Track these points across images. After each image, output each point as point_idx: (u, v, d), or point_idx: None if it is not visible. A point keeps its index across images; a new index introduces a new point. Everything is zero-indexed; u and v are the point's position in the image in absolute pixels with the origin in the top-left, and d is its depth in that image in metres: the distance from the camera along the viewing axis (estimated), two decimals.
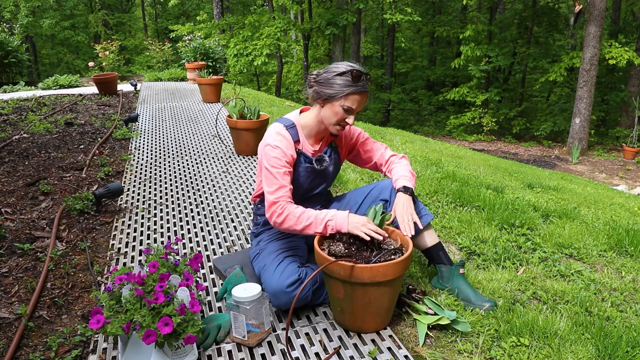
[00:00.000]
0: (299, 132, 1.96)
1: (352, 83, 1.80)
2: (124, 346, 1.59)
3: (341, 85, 1.80)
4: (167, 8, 24.41)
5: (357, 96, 1.81)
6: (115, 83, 7.86)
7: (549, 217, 3.00)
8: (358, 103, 1.83)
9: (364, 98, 1.84)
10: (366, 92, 1.84)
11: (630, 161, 11.35)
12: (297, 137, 1.95)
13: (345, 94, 1.80)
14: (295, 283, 1.79)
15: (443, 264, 2.01)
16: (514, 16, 16.43)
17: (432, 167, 4.15)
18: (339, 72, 1.81)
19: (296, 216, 1.79)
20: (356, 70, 1.81)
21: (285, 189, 1.84)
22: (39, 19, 21.92)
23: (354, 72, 1.80)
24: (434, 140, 9.02)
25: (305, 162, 1.97)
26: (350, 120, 1.85)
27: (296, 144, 1.95)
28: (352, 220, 1.76)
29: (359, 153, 2.13)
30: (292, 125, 1.96)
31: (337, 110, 1.83)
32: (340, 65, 1.84)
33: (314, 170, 2.00)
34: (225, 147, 4.54)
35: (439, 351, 1.68)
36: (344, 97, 1.81)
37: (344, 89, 1.80)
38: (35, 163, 3.96)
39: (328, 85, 1.83)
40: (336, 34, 13.19)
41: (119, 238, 2.64)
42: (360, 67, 1.85)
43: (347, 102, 1.81)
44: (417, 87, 21.34)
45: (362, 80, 1.81)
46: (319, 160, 1.99)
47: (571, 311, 1.94)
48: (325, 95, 1.83)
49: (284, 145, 1.88)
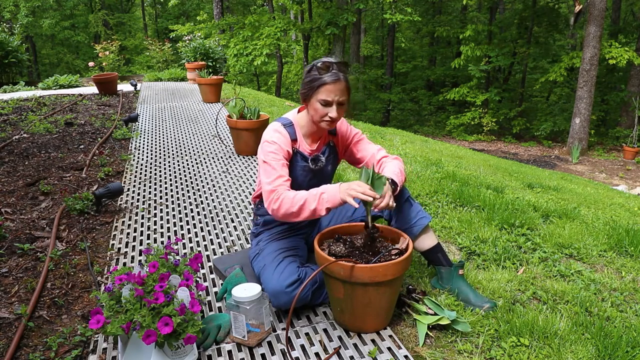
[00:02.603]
0: (296, 130, 1.97)
1: (320, 75, 1.80)
2: (124, 346, 1.59)
3: (310, 81, 1.83)
4: (167, 8, 24.41)
5: (328, 86, 1.80)
6: (115, 83, 7.86)
7: (549, 217, 3.00)
8: (332, 93, 1.80)
9: (336, 87, 1.80)
10: (338, 80, 1.80)
11: (630, 161, 11.35)
12: (294, 136, 1.96)
13: (315, 88, 1.82)
14: (295, 283, 1.79)
15: (442, 265, 2.01)
16: (514, 16, 16.44)
17: (432, 167, 4.15)
18: (307, 70, 1.84)
19: (290, 198, 1.76)
20: (321, 62, 1.81)
21: (283, 179, 1.83)
22: (39, 19, 21.93)
23: (319, 64, 1.81)
24: (434, 140, 9.02)
25: (301, 161, 1.98)
26: (332, 112, 1.82)
27: (293, 142, 1.96)
28: (342, 188, 1.71)
29: (352, 153, 2.12)
30: (290, 123, 1.97)
31: (316, 106, 1.84)
32: (315, 60, 1.85)
33: (311, 169, 2.00)
34: (225, 147, 4.54)
35: (439, 351, 1.68)
36: (316, 92, 1.82)
37: (313, 84, 1.82)
38: (35, 163, 3.96)
39: (303, 85, 1.86)
40: (336, 34, 13.20)
41: (119, 238, 2.64)
42: (332, 59, 1.84)
43: (320, 95, 1.81)
44: (417, 87, 21.33)
45: (330, 70, 1.80)
46: (315, 160, 1.99)
47: (571, 311, 1.94)
48: (303, 96, 1.87)
49: (281, 142, 1.90)
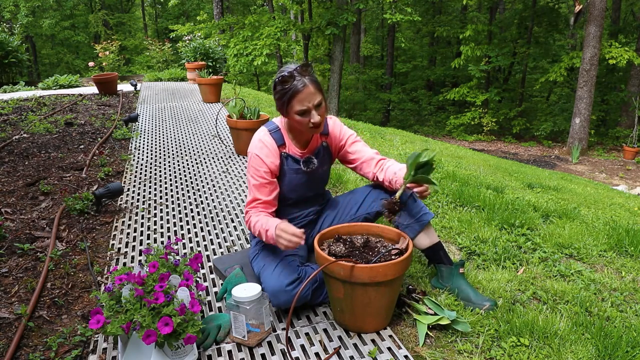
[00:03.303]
0: (284, 135, 1.95)
1: (286, 89, 1.76)
2: (124, 346, 1.59)
3: (280, 97, 1.79)
4: (167, 8, 24.41)
5: (298, 96, 1.76)
6: (115, 83, 7.86)
7: (549, 217, 3.00)
8: (304, 101, 1.76)
9: (306, 93, 1.75)
10: (305, 86, 1.74)
11: (630, 161, 11.35)
12: (281, 141, 1.93)
13: (287, 102, 1.78)
14: (294, 282, 1.79)
15: (443, 263, 2.01)
16: (514, 16, 16.43)
17: None
18: (274, 87, 1.81)
19: (253, 224, 1.88)
20: (281, 75, 1.76)
21: (258, 202, 1.91)
22: (39, 19, 21.93)
23: (279, 79, 1.76)
24: (434, 140, 9.03)
25: (293, 164, 1.96)
26: (314, 118, 1.79)
27: (281, 147, 1.93)
28: (276, 233, 1.74)
29: (347, 153, 2.09)
30: (277, 129, 1.95)
31: (297, 119, 1.81)
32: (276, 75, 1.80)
33: (304, 171, 1.98)
34: (225, 147, 4.54)
35: (439, 351, 1.68)
36: (289, 106, 1.78)
37: (283, 99, 1.78)
38: (35, 163, 3.96)
39: (276, 102, 1.83)
40: (336, 34, 13.19)
41: (119, 238, 2.64)
42: (292, 66, 1.78)
43: (295, 107, 1.78)
44: (417, 87, 21.34)
45: (293, 80, 1.75)
46: (307, 162, 1.97)
47: (571, 311, 1.94)
48: (281, 112, 1.85)
49: (263, 154, 1.90)
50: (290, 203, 2.05)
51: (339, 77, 14.44)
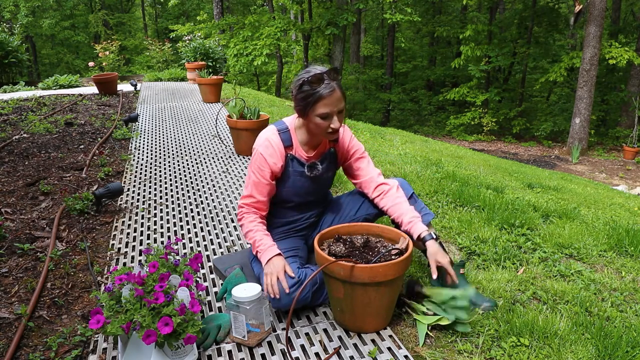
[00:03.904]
0: (292, 136, 1.93)
1: (313, 90, 1.73)
2: (124, 346, 1.59)
3: (305, 97, 1.75)
4: (167, 8, 24.41)
5: (325, 100, 1.73)
6: (115, 83, 7.86)
7: (549, 217, 3.00)
8: (330, 106, 1.74)
9: (333, 98, 1.74)
10: (333, 91, 1.73)
11: (630, 161, 11.35)
12: (289, 142, 1.91)
13: (311, 104, 1.74)
14: (295, 285, 1.79)
15: None
16: (514, 16, 16.43)
17: (432, 167, 4.15)
18: (298, 86, 1.77)
19: (245, 231, 1.94)
20: (312, 75, 1.72)
21: (253, 200, 1.92)
22: (39, 19, 21.93)
23: (309, 79, 1.72)
24: (434, 140, 9.03)
25: (298, 166, 1.93)
26: (335, 124, 1.77)
27: (288, 148, 1.92)
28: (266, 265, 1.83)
29: (351, 167, 2.06)
30: (286, 129, 1.93)
31: (316, 121, 1.78)
32: (301, 75, 1.78)
33: (308, 176, 1.95)
34: (225, 147, 4.54)
35: (439, 351, 1.68)
36: (312, 107, 1.75)
37: (308, 100, 1.74)
38: (35, 163, 3.96)
39: (296, 101, 1.80)
40: (336, 34, 13.20)
41: (119, 238, 2.64)
42: (321, 68, 1.76)
43: (318, 110, 1.75)
44: (417, 87, 21.34)
45: (323, 82, 1.73)
46: (311, 167, 1.95)
47: (571, 311, 1.94)
48: (300, 112, 1.82)
49: (268, 154, 1.88)
50: (292, 206, 2.03)
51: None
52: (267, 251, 1.85)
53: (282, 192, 1.97)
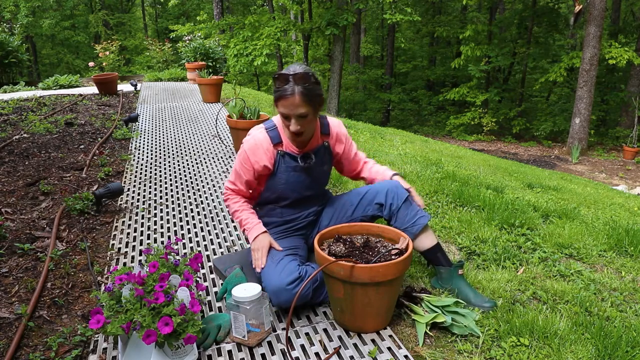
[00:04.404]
0: (280, 133, 1.96)
1: (277, 88, 1.78)
2: (124, 346, 1.59)
3: (273, 92, 1.82)
4: (167, 8, 24.40)
5: (282, 101, 1.76)
6: (116, 83, 7.86)
7: (548, 217, 3.00)
8: (287, 108, 1.76)
9: (289, 102, 1.74)
10: (292, 95, 1.73)
11: (630, 161, 11.36)
12: (278, 139, 1.94)
13: (275, 100, 1.81)
14: (295, 281, 1.79)
15: (442, 265, 2.01)
16: (514, 16, 16.43)
17: (432, 167, 4.15)
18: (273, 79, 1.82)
19: (231, 212, 2.07)
20: (279, 73, 1.76)
21: (235, 187, 2.04)
22: (39, 19, 21.92)
23: (276, 76, 1.77)
24: (434, 140, 9.03)
25: (291, 161, 1.96)
26: (292, 126, 1.79)
27: (278, 145, 1.94)
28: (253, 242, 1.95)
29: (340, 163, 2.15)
30: (274, 127, 1.96)
31: (282, 119, 1.84)
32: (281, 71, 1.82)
33: (301, 168, 1.97)
34: (225, 147, 4.54)
35: (439, 351, 1.68)
36: (276, 104, 1.81)
37: (275, 97, 1.81)
38: (36, 163, 3.96)
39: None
40: (336, 34, 13.19)
41: (119, 238, 2.64)
42: (298, 69, 1.77)
43: (279, 108, 1.81)
44: (417, 87, 21.34)
45: (287, 83, 1.74)
46: (304, 158, 1.97)
47: (571, 311, 1.94)
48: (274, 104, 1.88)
49: (252, 154, 1.93)
50: (289, 203, 2.04)
51: (339, 77, 14.44)
52: (253, 229, 1.97)
53: (279, 188, 1.99)
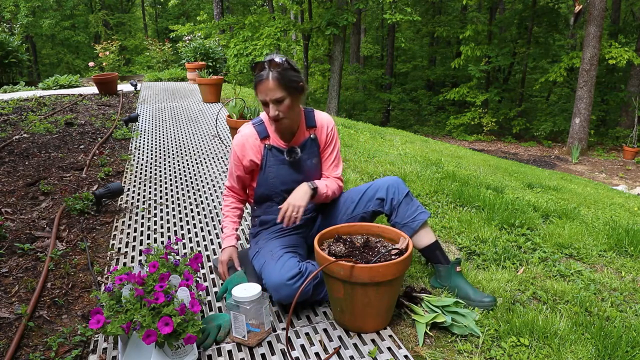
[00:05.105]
0: (267, 127, 2.01)
1: (254, 75, 1.86)
2: (124, 346, 1.59)
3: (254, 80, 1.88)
4: (167, 8, 24.41)
5: (259, 87, 1.84)
6: (116, 83, 7.86)
7: (548, 217, 3.00)
8: (262, 93, 1.83)
9: (264, 86, 1.81)
10: (265, 79, 1.80)
11: (630, 161, 11.36)
12: (265, 133, 2.00)
13: (254, 87, 1.87)
14: (296, 276, 1.80)
15: (440, 263, 2.02)
16: (514, 16, 16.43)
17: (432, 167, 4.15)
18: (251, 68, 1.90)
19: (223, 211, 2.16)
20: (256, 62, 1.86)
21: (230, 185, 2.14)
22: (39, 19, 21.92)
23: (253, 65, 1.86)
24: (434, 140, 9.03)
25: (278, 154, 2.00)
26: (271, 111, 1.84)
27: (265, 140, 2.00)
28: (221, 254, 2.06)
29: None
30: (260, 122, 2.03)
31: (262, 106, 1.89)
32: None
33: (288, 162, 2.01)
34: (225, 147, 4.54)
35: (439, 351, 1.68)
36: (255, 92, 1.88)
37: (254, 84, 1.87)
38: (36, 163, 3.96)
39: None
40: (336, 34, 13.19)
41: (119, 238, 2.64)
42: (270, 57, 1.84)
43: (257, 95, 1.86)
44: (417, 87, 21.34)
45: (263, 69, 1.82)
46: (290, 152, 2.00)
47: (571, 311, 1.94)
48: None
49: (238, 149, 2.00)
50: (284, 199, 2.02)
51: (339, 77, 14.45)
52: (224, 240, 2.08)
53: (269, 182, 2.02)
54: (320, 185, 1.99)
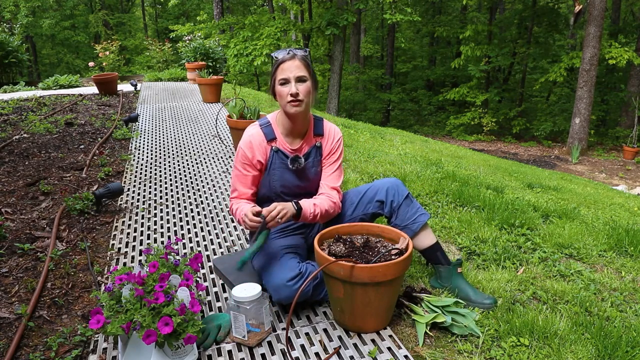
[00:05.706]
0: (274, 129, 1.99)
1: (277, 58, 1.90)
2: (124, 346, 1.59)
3: (272, 67, 1.92)
4: (167, 8, 24.40)
5: (283, 65, 1.86)
6: (116, 83, 7.86)
7: (548, 217, 3.00)
8: (287, 70, 1.85)
9: (291, 63, 1.86)
10: (293, 57, 1.87)
11: (630, 161, 11.36)
12: (272, 135, 1.98)
13: (273, 73, 1.90)
14: (296, 277, 1.80)
15: (441, 264, 2.02)
16: (514, 16, 16.44)
17: (432, 167, 4.15)
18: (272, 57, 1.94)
19: (235, 213, 1.99)
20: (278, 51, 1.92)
21: (237, 193, 2.01)
22: (39, 19, 21.92)
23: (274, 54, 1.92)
24: (434, 140, 9.03)
25: (283, 158, 1.98)
26: (292, 89, 1.84)
27: (271, 142, 1.97)
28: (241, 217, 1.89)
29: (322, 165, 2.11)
30: (268, 123, 2.00)
31: (279, 90, 1.88)
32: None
33: (292, 170, 1.99)
34: (225, 147, 4.54)
35: (439, 351, 1.68)
36: (274, 76, 1.89)
37: (273, 70, 1.90)
38: (36, 163, 3.96)
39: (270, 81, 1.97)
40: (336, 34, 13.19)
41: (119, 238, 2.64)
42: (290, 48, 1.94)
43: (278, 76, 1.87)
44: (417, 87, 21.34)
45: (288, 53, 1.88)
46: (294, 160, 1.98)
47: (571, 311, 1.94)
48: (271, 90, 1.95)
49: (247, 148, 1.96)
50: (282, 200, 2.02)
51: (339, 77, 14.44)
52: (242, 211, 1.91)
53: (271, 183, 2.02)
54: (306, 205, 1.90)
